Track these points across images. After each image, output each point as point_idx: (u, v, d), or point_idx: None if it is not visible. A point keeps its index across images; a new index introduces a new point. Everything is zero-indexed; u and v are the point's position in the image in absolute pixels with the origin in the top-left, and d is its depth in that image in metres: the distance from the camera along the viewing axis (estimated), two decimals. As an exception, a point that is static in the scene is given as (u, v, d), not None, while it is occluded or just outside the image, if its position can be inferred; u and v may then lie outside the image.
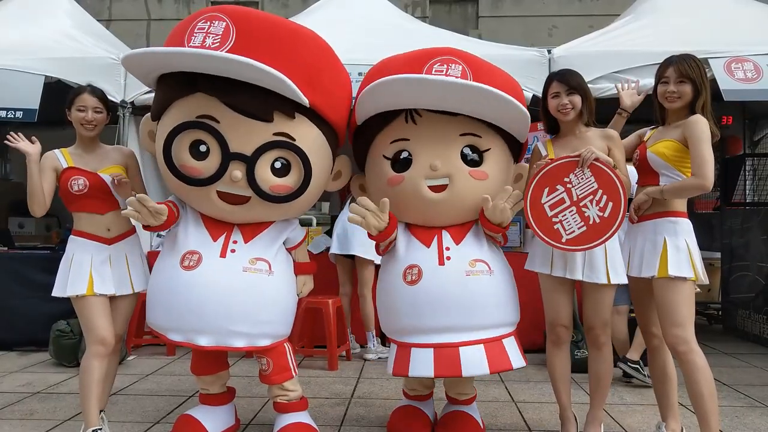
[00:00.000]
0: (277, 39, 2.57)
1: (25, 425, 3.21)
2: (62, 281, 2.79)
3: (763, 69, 4.60)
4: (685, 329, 2.55)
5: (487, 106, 2.65)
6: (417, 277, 2.70)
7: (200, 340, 2.63)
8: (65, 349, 4.39)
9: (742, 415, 3.44)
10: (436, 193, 2.73)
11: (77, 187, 2.78)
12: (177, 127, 2.61)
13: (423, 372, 2.69)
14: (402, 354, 2.78)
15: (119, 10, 9.92)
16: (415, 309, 2.71)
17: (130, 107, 4.94)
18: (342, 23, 5.22)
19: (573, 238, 2.63)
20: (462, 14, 10.05)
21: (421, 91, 2.61)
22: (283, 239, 2.86)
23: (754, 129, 6.60)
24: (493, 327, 2.73)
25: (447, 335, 2.68)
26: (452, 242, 2.77)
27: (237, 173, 2.58)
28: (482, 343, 2.68)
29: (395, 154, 2.78)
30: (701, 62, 2.68)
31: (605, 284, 2.68)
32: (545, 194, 2.68)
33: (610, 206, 2.59)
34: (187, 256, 2.66)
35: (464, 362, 2.64)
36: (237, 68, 2.45)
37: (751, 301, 5.62)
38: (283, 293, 2.81)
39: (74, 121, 2.85)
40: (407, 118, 2.74)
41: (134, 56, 2.63)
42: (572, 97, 2.72)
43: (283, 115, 2.61)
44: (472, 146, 2.76)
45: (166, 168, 2.68)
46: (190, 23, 2.61)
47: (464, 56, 2.72)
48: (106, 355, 2.76)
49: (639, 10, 5.71)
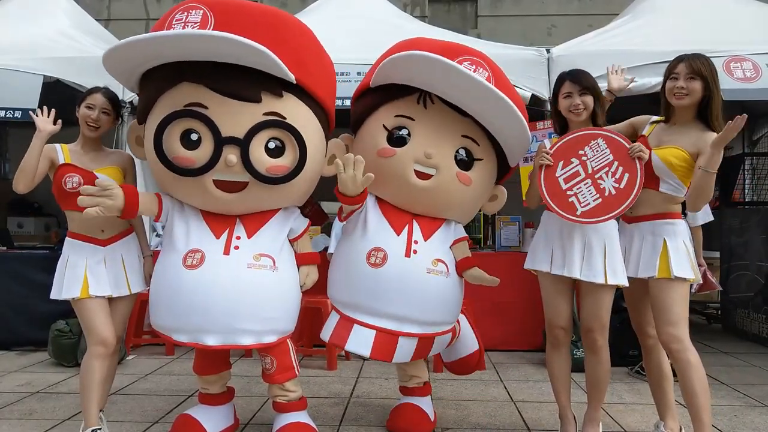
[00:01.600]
0: (256, 23, 2.55)
1: (24, 425, 3.21)
2: (59, 284, 2.78)
3: (762, 68, 4.61)
4: (678, 328, 2.55)
5: (499, 117, 2.69)
6: (381, 262, 2.75)
7: (207, 339, 2.62)
8: (64, 348, 4.39)
9: (741, 414, 3.45)
10: (420, 179, 2.75)
11: (71, 184, 2.75)
12: (166, 117, 2.57)
13: (359, 350, 2.77)
14: (343, 325, 2.84)
15: (118, 10, 9.91)
16: (373, 291, 2.77)
17: (128, 107, 4.92)
18: (341, 23, 5.22)
19: (588, 211, 2.61)
20: (461, 13, 10.04)
21: (447, 79, 2.62)
22: (287, 231, 2.84)
23: (753, 128, 6.59)
24: (433, 324, 2.85)
25: (391, 322, 2.77)
26: (421, 237, 2.82)
27: (232, 157, 2.55)
28: (418, 336, 2.80)
29: (395, 128, 2.79)
30: (713, 63, 2.62)
31: (603, 285, 2.66)
32: (560, 167, 2.68)
33: (626, 178, 2.58)
34: (189, 255, 2.63)
35: (398, 351, 2.77)
36: (218, 46, 2.42)
37: (750, 300, 5.62)
38: (289, 289, 2.80)
39: (80, 117, 2.84)
40: (420, 99, 2.76)
41: (115, 51, 2.53)
42: (585, 98, 2.71)
43: (271, 94, 2.59)
44: (468, 150, 2.78)
45: (158, 162, 2.62)
46: (167, 17, 2.60)
47: (491, 64, 2.77)
48: (107, 355, 2.76)
49: (638, 9, 5.72)
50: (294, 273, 2.85)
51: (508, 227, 5.16)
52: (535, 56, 5.00)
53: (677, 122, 2.65)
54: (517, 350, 4.81)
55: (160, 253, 2.82)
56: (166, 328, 2.70)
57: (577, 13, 9.44)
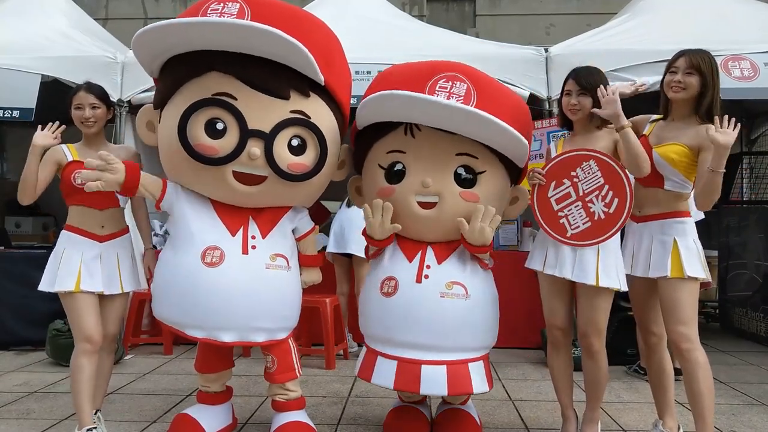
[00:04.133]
0: (291, 19, 2.57)
1: (22, 424, 3.20)
2: (50, 276, 2.76)
3: (760, 67, 4.60)
4: (689, 327, 2.55)
5: (485, 132, 2.61)
6: (393, 290, 2.71)
7: (223, 336, 2.65)
8: (62, 348, 4.36)
9: (739, 413, 3.45)
10: (424, 209, 2.71)
11: (80, 179, 2.74)
12: (194, 104, 2.56)
13: (384, 382, 2.73)
14: (369, 359, 2.82)
15: (116, 9, 9.90)
16: (386, 320, 2.73)
17: (126, 106, 4.92)
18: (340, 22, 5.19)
19: (578, 233, 2.62)
20: (459, 13, 10.04)
21: (421, 110, 2.59)
22: (293, 228, 2.87)
23: (751, 127, 6.61)
24: (460, 350, 2.72)
25: (412, 351, 2.69)
26: (434, 261, 2.74)
27: (255, 150, 2.56)
28: (445, 364, 2.69)
29: (390, 165, 2.76)
30: (715, 60, 2.61)
31: (599, 289, 2.63)
32: (552, 188, 2.67)
33: (616, 202, 2.57)
34: (208, 252, 2.63)
35: (424, 380, 2.66)
36: (259, 39, 2.42)
37: (748, 299, 5.62)
38: (298, 288, 2.88)
39: (75, 120, 2.83)
40: (406, 130, 2.72)
41: (152, 31, 2.48)
42: (582, 98, 2.67)
43: (299, 93, 2.61)
44: (467, 167, 2.71)
45: (179, 148, 2.59)
46: (202, 5, 2.57)
47: (471, 74, 2.66)
48: (93, 352, 2.74)
49: (636, 8, 5.72)
50: (299, 270, 2.91)
51: (506, 227, 5.16)
52: (533, 55, 5.00)
53: (675, 118, 2.65)
54: (515, 348, 4.80)
55: (167, 244, 2.81)
56: (178, 323, 2.70)
57: (575, 12, 9.45)
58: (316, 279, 2.99)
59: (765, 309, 5.32)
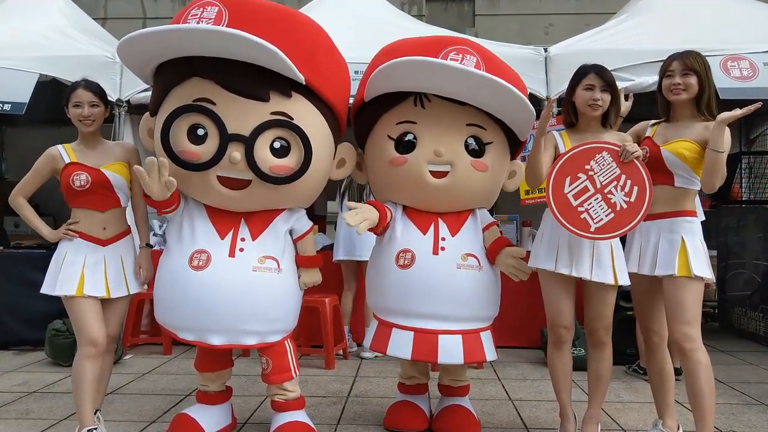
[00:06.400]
0: (270, 21, 2.56)
1: (21, 425, 3.20)
2: (52, 279, 2.75)
3: (759, 67, 4.61)
4: (693, 327, 2.56)
5: (497, 100, 2.69)
6: (410, 262, 2.76)
7: (213, 339, 2.66)
8: (61, 348, 4.37)
9: (738, 412, 3.45)
10: (437, 178, 2.77)
11: (79, 182, 2.73)
12: (174, 111, 2.59)
13: (400, 353, 2.77)
14: (382, 331, 2.85)
15: (115, 9, 9.88)
16: (404, 292, 2.78)
17: (125, 106, 4.92)
18: (338, 21, 5.19)
19: (602, 226, 2.57)
20: (458, 12, 10.03)
21: (435, 76, 2.62)
22: (288, 229, 2.84)
23: (750, 127, 6.61)
24: (474, 320, 2.83)
25: (429, 321, 2.76)
26: (448, 233, 2.82)
27: (236, 155, 2.56)
28: (461, 333, 2.78)
29: (400, 136, 2.80)
30: (705, 59, 2.65)
31: (611, 285, 2.66)
32: (567, 183, 2.62)
33: (636, 190, 2.56)
34: (195, 256, 2.65)
35: (441, 350, 2.74)
36: (229, 43, 2.43)
37: (747, 299, 5.63)
38: (292, 290, 2.84)
39: (72, 118, 2.80)
40: (416, 101, 2.76)
41: (129, 42, 2.53)
42: (605, 95, 2.66)
43: (280, 94, 2.60)
44: (476, 137, 2.80)
45: (165, 155, 2.62)
46: (183, 12, 2.62)
47: (478, 48, 2.77)
48: (97, 356, 2.73)
49: (635, 8, 5.72)
50: (296, 272, 2.88)
51: (506, 226, 5.17)
52: (532, 55, 4.99)
53: (678, 119, 2.67)
54: (515, 348, 4.81)
55: (164, 250, 2.81)
56: (171, 326, 2.74)
57: (574, 12, 9.44)
58: (316, 280, 2.95)
59: (764, 308, 5.32)
